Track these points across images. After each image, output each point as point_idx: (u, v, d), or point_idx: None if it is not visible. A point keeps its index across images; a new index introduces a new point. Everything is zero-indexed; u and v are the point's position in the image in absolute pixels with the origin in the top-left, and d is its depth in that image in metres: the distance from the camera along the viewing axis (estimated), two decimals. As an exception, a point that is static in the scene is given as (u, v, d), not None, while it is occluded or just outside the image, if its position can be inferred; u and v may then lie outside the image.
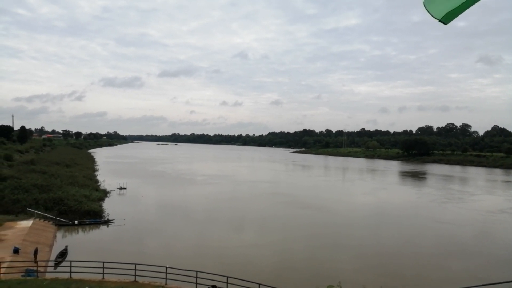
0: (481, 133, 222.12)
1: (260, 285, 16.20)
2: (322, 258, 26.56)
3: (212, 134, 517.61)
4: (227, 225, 36.18)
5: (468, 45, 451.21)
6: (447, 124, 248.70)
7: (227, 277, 17.97)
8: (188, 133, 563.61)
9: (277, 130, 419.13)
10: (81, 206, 38.72)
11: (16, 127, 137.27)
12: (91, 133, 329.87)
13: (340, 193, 60.88)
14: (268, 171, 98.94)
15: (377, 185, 71.25)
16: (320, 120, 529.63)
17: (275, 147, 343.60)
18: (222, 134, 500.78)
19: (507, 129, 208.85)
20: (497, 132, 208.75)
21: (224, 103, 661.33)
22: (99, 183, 58.39)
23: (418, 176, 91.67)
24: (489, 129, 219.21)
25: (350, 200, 54.16)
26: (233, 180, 74.14)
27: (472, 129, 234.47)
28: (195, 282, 18.56)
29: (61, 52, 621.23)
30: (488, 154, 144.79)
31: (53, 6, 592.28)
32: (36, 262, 22.52)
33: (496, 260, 26.70)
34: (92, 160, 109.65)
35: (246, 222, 38.71)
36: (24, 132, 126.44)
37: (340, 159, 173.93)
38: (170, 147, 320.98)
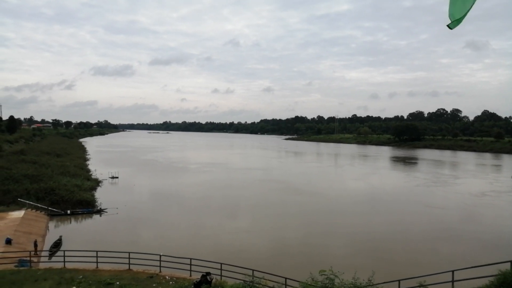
0: (471, 118, 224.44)
1: (254, 271, 16.37)
2: (315, 244, 26.85)
3: (203, 122, 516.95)
4: (220, 213, 36.34)
5: (458, 31, 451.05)
6: (438, 109, 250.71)
7: (221, 263, 18.11)
8: (180, 121, 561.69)
9: (269, 117, 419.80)
10: (73, 195, 38.54)
11: (5, 117, 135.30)
12: (81, 122, 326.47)
13: (332, 179, 61.33)
14: (261, 158, 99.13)
15: (368, 171, 71.86)
16: (312, 106, 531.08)
17: (267, 134, 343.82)
18: (214, 122, 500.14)
19: (497, 113, 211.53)
20: (487, 117, 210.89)
21: (215, 90, 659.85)
22: (91, 173, 58.09)
23: (409, 162, 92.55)
24: (479, 114, 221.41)
25: (342, 186, 54.62)
26: (226, 168, 74.21)
27: (463, 114, 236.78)
28: (189, 269, 18.68)
29: (49, 40, 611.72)
30: (478, 138, 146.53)
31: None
32: (36, 253, 22.56)
33: (483, 244, 27.24)
34: (83, 150, 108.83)
35: (239, 209, 38.91)
36: (13, 122, 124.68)
37: (332, 145, 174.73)
38: (161, 135, 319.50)
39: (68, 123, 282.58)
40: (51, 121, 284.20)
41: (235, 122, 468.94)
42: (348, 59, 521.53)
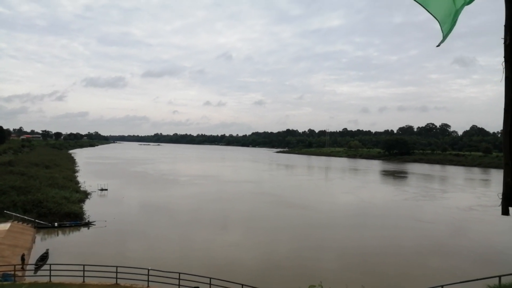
0: (460, 132, 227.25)
1: (243, 286, 16.24)
2: (306, 258, 26.75)
3: (195, 134, 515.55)
4: (211, 226, 36.07)
5: (448, 47, 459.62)
6: (427, 124, 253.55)
7: (210, 278, 17.94)
8: (171, 133, 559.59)
9: (261, 130, 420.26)
10: (61, 208, 38.00)
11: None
12: (71, 134, 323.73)
13: (323, 193, 61.39)
14: (252, 171, 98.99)
15: (359, 184, 72.11)
16: (303, 120, 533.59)
17: (258, 147, 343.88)
18: (206, 134, 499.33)
19: (485, 128, 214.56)
20: (475, 131, 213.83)
21: (207, 103, 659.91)
22: (80, 185, 57.42)
23: (399, 175, 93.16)
24: (468, 128, 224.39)
25: (333, 199, 54.68)
26: (217, 180, 73.93)
27: (452, 129, 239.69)
28: (178, 284, 18.46)
29: (41, 51, 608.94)
30: (467, 153, 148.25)
31: (34, 4, 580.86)
32: (23, 267, 22.14)
33: (472, 258, 27.39)
34: (72, 161, 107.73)
35: (230, 222, 38.67)
36: (1, 133, 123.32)
37: (323, 158, 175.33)
38: (152, 147, 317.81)
39: (58, 134, 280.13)
40: (41, 132, 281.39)
41: (227, 134, 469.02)
42: (340, 73, 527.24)
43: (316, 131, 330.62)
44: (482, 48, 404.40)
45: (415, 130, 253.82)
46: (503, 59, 4.15)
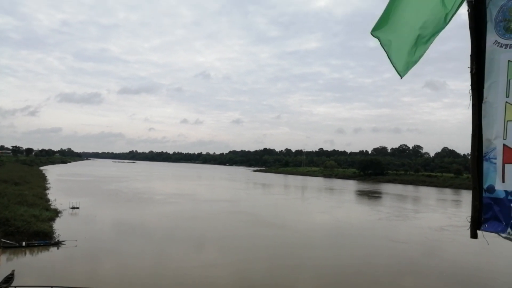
0: (432, 154, 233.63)
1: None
2: (282, 278, 26.60)
3: (171, 152, 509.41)
4: (186, 245, 35.49)
5: (419, 71, 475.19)
6: (401, 145, 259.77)
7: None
8: (147, 151, 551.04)
9: (238, 149, 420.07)
10: (30, 226, 36.62)
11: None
12: (43, 150, 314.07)
13: (300, 212, 61.54)
14: (229, 190, 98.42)
15: (334, 204, 72.72)
16: (280, 139, 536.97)
17: (235, 165, 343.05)
18: (182, 152, 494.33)
19: (456, 150, 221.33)
20: (446, 153, 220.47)
21: (184, 121, 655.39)
22: (50, 202, 55.65)
23: (373, 195, 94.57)
24: (439, 150, 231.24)
25: (309, 218, 54.87)
26: (192, 199, 73.08)
27: (424, 150, 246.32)
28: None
29: (14, 65, 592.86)
30: (439, 174, 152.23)
31: (8, 17, 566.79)
32: None
33: (445, 278, 27.89)
34: (43, 178, 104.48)
35: (206, 241, 38.16)
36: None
37: (300, 178, 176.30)
38: (127, 164, 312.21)
39: (29, 150, 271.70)
40: (11, 147, 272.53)
41: (204, 152, 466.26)
42: (316, 94, 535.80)
43: (293, 150, 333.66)
44: (452, 73, 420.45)
45: (389, 151, 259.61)
46: (470, 75, 4.38)
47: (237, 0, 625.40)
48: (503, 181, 4.03)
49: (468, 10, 4.36)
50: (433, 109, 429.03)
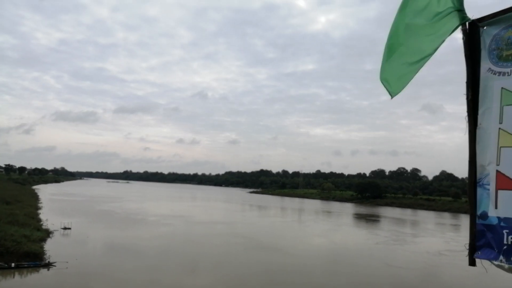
0: (430, 177, 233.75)
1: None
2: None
3: (166, 172, 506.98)
4: (179, 269, 34.60)
5: (416, 94, 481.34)
6: (398, 168, 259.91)
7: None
8: (141, 171, 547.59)
9: (234, 170, 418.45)
10: (20, 247, 35.59)
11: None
12: (36, 169, 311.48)
13: (296, 235, 60.64)
14: (224, 212, 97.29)
15: (331, 227, 71.86)
16: (277, 160, 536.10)
17: (231, 186, 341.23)
18: (177, 172, 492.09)
19: (454, 174, 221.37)
20: (444, 177, 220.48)
21: (180, 140, 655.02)
22: (42, 222, 54.55)
23: (371, 219, 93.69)
24: (438, 174, 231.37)
25: (306, 242, 54.02)
26: (187, 221, 72.00)
27: (422, 174, 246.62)
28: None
29: (11, 82, 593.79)
30: (437, 198, 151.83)
31: (6, 36, 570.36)
32: None
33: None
34: (35, 197, 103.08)
35: (199, 265, 37.25)
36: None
37: (297, 200, 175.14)
38: (121, 184, 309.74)
39: (22, 169, 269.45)
40: (4, 166, 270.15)
41: (199, 173, 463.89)
42: (313, 115, 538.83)
43: (290, 172, 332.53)
44: (449, 97, 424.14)
45: (387, 173, 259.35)
46: (466, 101, 4.41)
47: (235, 22, 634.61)
48: (496, 207, 4.01)
49: (463, 38, 4.46)
50: (431, 132, 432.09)
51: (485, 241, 4.10)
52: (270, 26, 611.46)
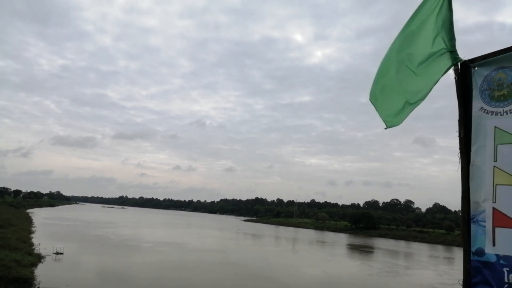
0: (423, 209, 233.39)
1: None
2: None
3: (162, 199, 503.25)
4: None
5: (409, 127, 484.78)
6: (392, 199, 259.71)
7: None
8: (137, 196, 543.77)
9: (230, 197, 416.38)
10: (10, 272, 35.29)
11: None
12: (31, 192, 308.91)
13: (290, 265, 60.27)
14: (218, 240, 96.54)
15: (325, 257, 71.45)
16: (272, 189, 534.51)
17: (226, 214, 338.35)
18: (173, 199, 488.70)
19: (447, 207, 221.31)
20: (437, 209, 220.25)
21: (177, 167, 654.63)
22: (34, 247, 54.13)
23: (365, 250, 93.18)
24: (431, 206, 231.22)
25: (299, 272, 53.67)
26: (181, 248, 71.49)
27: (415, 206, 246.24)
28: None
29: (11, 106, 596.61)
30: (431, 230, 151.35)
31: (9, 61, 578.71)
32: None
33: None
34: (29, 221, 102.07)
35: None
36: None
37: (291, 229, 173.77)
38: (116, 210, 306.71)
39: (17, 192, 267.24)
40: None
41: (195, 200, 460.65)
42: (309, 146, 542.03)
43: (285, 200, 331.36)
44: (441, 130, 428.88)
45: (381, 204, 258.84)
46: (458, 138, 4.44)
47: (235, 54, 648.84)
48: (494, 245, 3.94)
49: (455, 78, 4.55)
50: (424, 164, 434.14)
51: (481, 278, 4.01)
52: (268, 58, 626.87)
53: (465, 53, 4.52)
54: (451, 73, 4.58)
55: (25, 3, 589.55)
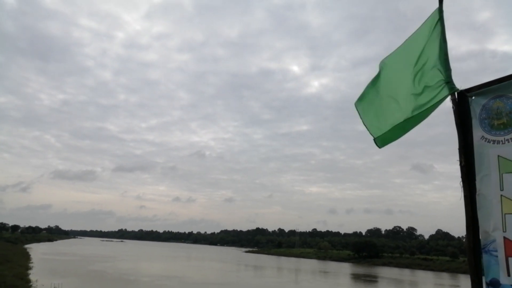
0: (426, 236, 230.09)
1: None
2: None
3: (161, 231, 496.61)
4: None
5: (406, 154, 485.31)
6: (394, 227, 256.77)
7: None
8: (136, 229, 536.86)
9: (230, 228, 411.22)
10: (7, 310, 34.79)
11: None
12: (29, 227, 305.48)
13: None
14: (219, 272, 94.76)
15: (328, 289, 70.01)
16: (273, 218, 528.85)
17: (227, 245, 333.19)
18: (173, 231, 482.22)
19: (450, 233, 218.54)
20: (440, 236, 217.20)
21: (177, 199, 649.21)
22: (31, 283, 53.12)
23: (369, 279, 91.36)
24: (434, 232, 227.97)
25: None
26: (181, 282, 70.12)
27: (418, 233, 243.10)
28: None
29: (11, 141, 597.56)
30: (435, 257, 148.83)
31: (10, 96, 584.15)
32: None
33: None
34: (26, 257, 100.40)
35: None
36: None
37: (293, 259, 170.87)
38: (115, 243, 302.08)
39: (15, 227, 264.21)
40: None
41: (195, 231, 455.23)
42: (308, 174, 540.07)
43: (286, 230, 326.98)
44: (439, 156, 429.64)
45: (383, 232, 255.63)
46: (459, 167, 4.38)
47: (233, 85, 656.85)
48: (509, 275, 3.83)
49: (453, 107, 4.49)
50: (424, 191, 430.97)
51: None
52: (266, 89, 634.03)
53: (460, 79, 4.54)
54: (447, 100, 4.58)
55: (28, 41, 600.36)
